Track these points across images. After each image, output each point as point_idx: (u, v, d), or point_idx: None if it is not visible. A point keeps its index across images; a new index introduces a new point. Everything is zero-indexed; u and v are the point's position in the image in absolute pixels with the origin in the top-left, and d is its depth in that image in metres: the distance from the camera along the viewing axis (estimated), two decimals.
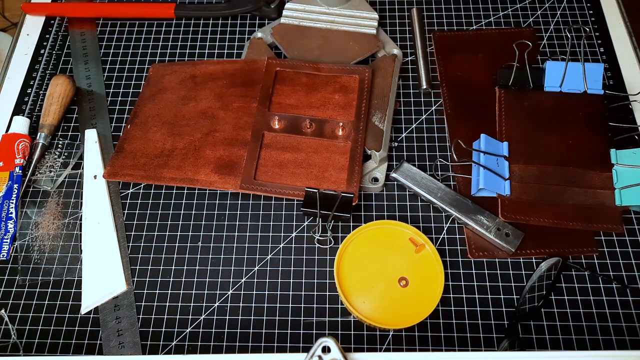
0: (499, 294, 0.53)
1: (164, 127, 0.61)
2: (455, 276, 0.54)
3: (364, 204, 0.58)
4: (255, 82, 0.63)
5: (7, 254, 0.56)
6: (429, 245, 0.53)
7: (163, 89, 0.65)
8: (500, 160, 0.56)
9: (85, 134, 0.63)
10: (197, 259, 0.56)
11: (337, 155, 0.58)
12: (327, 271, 0.54)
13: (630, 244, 0.55)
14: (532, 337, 0.51)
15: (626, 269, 0.54)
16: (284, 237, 0.57)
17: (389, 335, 0.51)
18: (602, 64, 0.61)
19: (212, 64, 0.66)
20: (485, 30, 0.70)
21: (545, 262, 0.53)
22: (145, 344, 0.51)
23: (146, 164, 0.59)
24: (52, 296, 0.54)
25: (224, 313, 0.53)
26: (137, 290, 0.54)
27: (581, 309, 0.52)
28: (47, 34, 0.73)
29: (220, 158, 0.58)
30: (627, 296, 0.52)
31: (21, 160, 0.60)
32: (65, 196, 0.59)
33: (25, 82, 0.68)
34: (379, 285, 0.52)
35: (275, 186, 0.56)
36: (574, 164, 0.57)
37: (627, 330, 0.51)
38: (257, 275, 0.55)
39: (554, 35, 0.69)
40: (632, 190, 0.54)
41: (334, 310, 0.52)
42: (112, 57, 0.70)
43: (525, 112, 0.60)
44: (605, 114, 0.59)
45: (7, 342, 0.51)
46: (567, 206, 0.55)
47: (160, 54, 0.70)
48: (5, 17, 1.26)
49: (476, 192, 0.56)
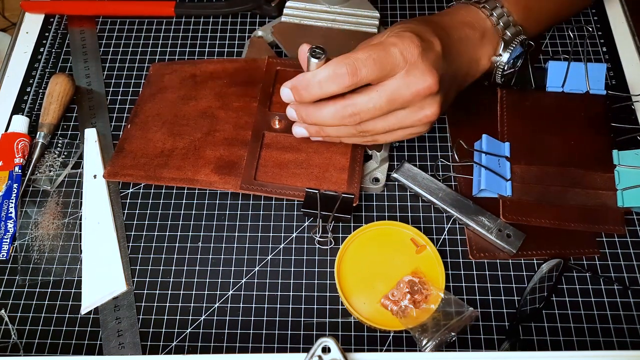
0: (500, 295, 0.53)
1: (164, 126, 0.61)
2: (456, 277, 0.54)
3: (365, 204, 0.58)
4: (256, 82, 0.63)
5: (7, 254, 0.56)
6: (429, 246, 0.53)
7: (163, 88, 0.65)
8: (501, 160, 0.56)
9: (84, 133, 0.63)
10: (197, 259, 0.55)
11: (338, 156, 0.57)
12: (328, 272, 0.54)
13: (632, 245, 0.55)
14: (533, 338, 0.50)
15: (628, 271, 0.53)
16: (284, 237, 0.56)
17: (390, 337, 0.51)
18: (605, 64, 0.61)
19: (213, 63, 0.66)
20: None
21: (546, 263, 0.53)
22: (146, 345, 0.51)
23: (146, 164, 0.58)
24: (52, 296, 0.54)
25: (224, 314, 0.52)
26: (137, 291, 0.54)
27: (582, 310, 0.52)
28: (47, 32, 0.72)
29: (221, 158, 0.58)
30: (628, 298, 0.52)
31: (20, 159, 0.60)
32: (65, 196, 0.59)
33: (25, 81, 0.68)
34: (380, 286, 0.51)
35: (275, 186, 0.56)
36: (575, 165, 0.56)
37: (629, 332, 0.51)
38: (258, 275, 0.54)
39: (556, 34, 0.69)
40: (634, 192, 0.54)
41: (335, 311, 0.52)
42: (112, 55, 0.70)
43: (527, 113, 0.60)
44: (608, 115, 0.59)
45: (7, 342, 0.51)
46: (569, 207, 0.55)
47: (160, 52, 0.70)
48: (5, 17, 1.25)
49: (477, 192, 0.56)
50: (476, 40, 0.53)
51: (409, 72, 0.46)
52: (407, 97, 0.47)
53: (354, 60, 0.45)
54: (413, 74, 0.46)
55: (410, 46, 0.45)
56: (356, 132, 0.51)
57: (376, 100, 0.47)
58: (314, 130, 0.53)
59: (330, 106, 0.48)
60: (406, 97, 0.47)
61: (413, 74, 0.46)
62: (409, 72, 0.46)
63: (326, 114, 0.49)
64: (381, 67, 0.45)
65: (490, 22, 0.54)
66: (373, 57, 0.45)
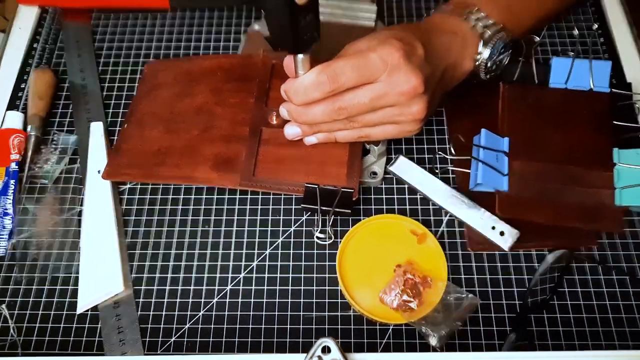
0: (499, 287, 0.53)
1: (161, 124, 0.61)
2: (456, 269, 0.54)
3: (363, 198, 0.58)
4: (252, 77, 0.62)
5: (5, 251, 0.55)
6: (429, 237, 0.53)
7: (158, 86, 0.64)
8: (500, 155, 0.56)
9: (90, 127, 0.62)
10: (195, 254, 0.55)
11: (336, 150, 0.57)
12: (326, 265, 0.54)
13: (634, 247, 0.55)
14: (535, 329, 0.51)
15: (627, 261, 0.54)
16: (283, 231, 0.56)
17: (389, 330, 0.51)
18: (610, 62, 0.59)
19: (207, 59, 0.66)
20: None
21: (552, 254, 0.53)
22: (145, 340, 0.51)
23: (144, 162, 0.58)
24: (49, 293, 0.53)
25: (222, 309, 0.52)
26: (136, 287, 0.54)
27: (582, 301, 0.52)
28: (40, 28, 0.72)
29: (218, 155, 0.57)
30: (627, 287, 0.52)
31: (17, 155, 0.59)
32: (63, 192, 0.59)
33: (19, 77, 0.67)
34: (381, 279, 0.51)
35: (274, 182, 0.56)
36: (575, 162, 0.56)
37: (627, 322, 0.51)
38: (256, 270, 0.54)
39: (553, 25, 0.69)
40: (633, 191, 0.53)
41: (334, 305, 0.52)
42: (106, 50, 0.69)
43: (528, 108, 0.59)
44: (611, 113, 0.58)
45: (5, 340, 0.51)
46: (567, 204, 0.54)
47: (155, 46, 0.69)
48: (6, 19, 1.24)
49: (474, 187, 0.56)
50: (457, 44, 0.55)
51: (392, 74, 0.48)
52: (392, 97, 0.49)
53: (334, 68, 0.48)
54: (396, 76, 0.48)
55: (391, 50, 0.48)
56: (348, 125, 0.53)
57: (360, 97, 0.49)
58: (306, 128, 0.54)
59: (321, 104, 0.50)
60: (391, 97, 0.49)
61: (396, 75, 0.48)
62: (391, 74, 0.48)
63: (316, 111, 0.51)
64: (360, 73, 0.48)
65: (469, 25, 0.56)
66: (351, 65, 0.48)
